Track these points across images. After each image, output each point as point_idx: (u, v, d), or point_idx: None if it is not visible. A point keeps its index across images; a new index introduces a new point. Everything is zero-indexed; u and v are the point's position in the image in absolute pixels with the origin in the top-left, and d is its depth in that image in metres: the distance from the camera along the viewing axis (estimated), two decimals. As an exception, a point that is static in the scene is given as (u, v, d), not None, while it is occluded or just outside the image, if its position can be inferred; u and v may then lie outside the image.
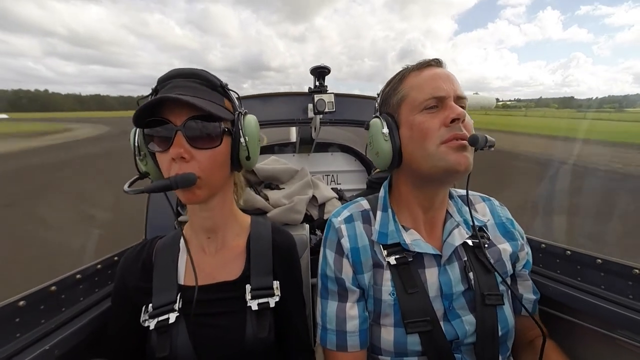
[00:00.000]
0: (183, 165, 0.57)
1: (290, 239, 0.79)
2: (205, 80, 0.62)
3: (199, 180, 0.57)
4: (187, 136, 0.57)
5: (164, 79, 0.61)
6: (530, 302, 0.73)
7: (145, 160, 0.62)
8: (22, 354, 0.59)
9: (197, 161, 0.58)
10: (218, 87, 0.64)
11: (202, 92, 0.60)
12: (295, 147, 1.80)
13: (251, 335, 0.64)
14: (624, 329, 0.67)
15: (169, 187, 0.54)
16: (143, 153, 0.61)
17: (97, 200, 6.06)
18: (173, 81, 0.60)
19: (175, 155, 0.56)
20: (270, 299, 0.67)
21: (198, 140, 0.58)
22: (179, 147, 0.56)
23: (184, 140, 0.56)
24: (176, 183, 0.54)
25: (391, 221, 0.69)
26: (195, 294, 0.62)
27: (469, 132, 0.60)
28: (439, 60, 0.66)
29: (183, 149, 0.56)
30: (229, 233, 0.72)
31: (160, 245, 0.72)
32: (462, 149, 0.58)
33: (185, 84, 0.60)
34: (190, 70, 0.62)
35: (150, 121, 0.57)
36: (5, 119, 75.39)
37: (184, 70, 0.62)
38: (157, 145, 0.58)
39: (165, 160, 0.58)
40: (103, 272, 0.84)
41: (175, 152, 0.55)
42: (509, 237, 0.73)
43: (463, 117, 0.58)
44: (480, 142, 0.57)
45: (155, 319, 0.62)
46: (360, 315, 0.66)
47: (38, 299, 0.66)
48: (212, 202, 0.66)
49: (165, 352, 0.61)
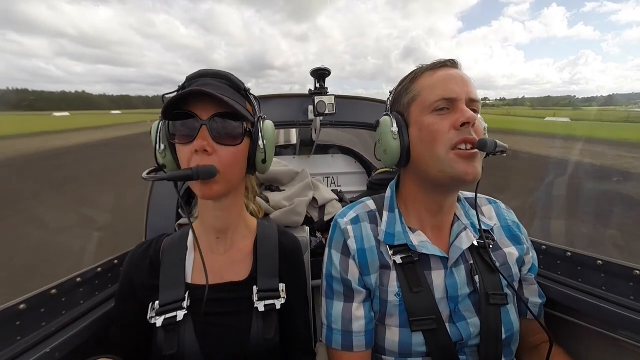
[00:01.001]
0: (204, 158, 0.58)
1: (295, 242, 0.80)
2: (231, 81, 0.65)
3: (218, 175, 0.58)
4: (212, 131, 0.58)
5: (193, 77, 0.63)
6: (536, 306, 0.72)
7: (164, 153, 0.63)
8: (23, 356, 0.59)
9: (219, 156, 0.59)
10: (242, 89, 0.66)
11: (228, 92, 0.62)
12: (296, 149, 1.80)
13: (256, 336, 0.65)
14: (625, 330, 0.67)
15: (190, 177, 0.55)
16: (164, 145, 0.62)
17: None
18: (201, 80, 0.63)
19: (199, 147, 0.57)
20: (277, 301, 0.68)
21: (221, 136, 0.60)
22: (203, 140, 0.58)
23: (208, 134, 0.58)
24: (197, 174, 0.55)
25: (398, 222, 0.69)
26: (206, 292, 0.62)
27: (479, 136, 0.59)
28: (455, 61, 0.65)
29: (207, 142, 0.58)
30: (237, 234, 0.73)
31: (168, 244, 0.72)
32: (471, 159, 0.58)
33: (212, 83, 0.62)
34: (218, 71, 0.64)
35: (177, 114, 0.59)
36: (66, 116, 79.55)
37: (212, 70, 0.64)
38: (181, 138, 0.60)
39: (186, 152, 0.59)
40: (103, 275, 0.84)
41: (199, 144, 0.57)
42: (515, 241, 0.72)
43: (473, 121, 0.58)
44: (489, 146, 0.56)
45: (162, 316, 0.63)
46: (367, 315, 0.66)
47: (39, 302, 0.66)
48: (226, 201, 0.67)
49: (172, 349, 0.61)
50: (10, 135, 21.59)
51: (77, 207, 5.62)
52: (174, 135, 0.60)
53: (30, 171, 9.26)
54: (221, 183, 0.60)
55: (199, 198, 0.67)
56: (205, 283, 0.62)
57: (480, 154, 0.60)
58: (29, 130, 25.58)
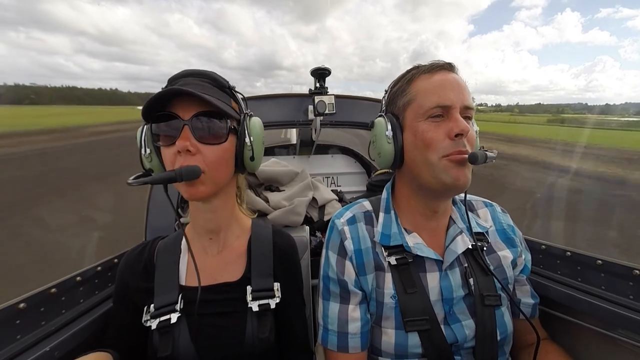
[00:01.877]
0: (188, 158, 0.57)
1: (290, 241, 0.79)
2: (213, 80, 0.63)
3: (203, 175, 0.57)
4: (194, 130, 0.57)
5: (174, 77, 0.62)
6: (528, 307, 0.73)
7: (150, 157, 0.62)
8: (22, 355, 0.59)
9: (203, 155, 0.58)
10: (226, 87, 0.65)
11: (210, 90, 0.61)
12: (296, 149, 1.80)
13: (251, 336, 0.64)
14: (624, 329, 0.67)
15: (173, 178, 0.54)
16: (149, 150, 0.61)
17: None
18: (183, 80, 0.62)
19: (181, 148, 0.56)
20: (271, 300, 0.68)
21: (205, 135, 0.58)
22: (186, 140, 0.56)
23: (190, 134, 0.57)
24: (181, 175, 0.54)
25: (394, 223, 0.69)
26: (198, 294, 0.62)
27: (471, 145, 0.60)
28: (452, 65, 0.64)
29: (189, 142, 0.56)
30: (230, 235, 0.73)
31: (162, 246, 0.72)
32: (462, 165, 0.58)
33: (194, 82, 0.61)
34: (200, 71, 0.63)
35: (160, 116, 0.58)
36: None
37: (193, 70, 0.64)
38: (164, 139, 0.59)
39: (170, 154, 0.58)
40: (103, 274, 0.84)
41: (181, 144, 0.56)
42: (510, 244, 0.73)
43: (467, 132, 0.58)
44: (479, 160, 0.57)
45: (157, 319, 0.63)
46: (362, 317, 0.67)
47: (38, 301, 0.66)
48: (215, 202, 0.66)
49: (167, 351, 0.61)
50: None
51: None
52: (158, 138, 0.60)
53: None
54: (207, 183, 0.59)
55: (188, 200, 0.66)
56: (198, 284, 0.62)
57: (470, 164, 0.60)
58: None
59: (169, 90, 0.55)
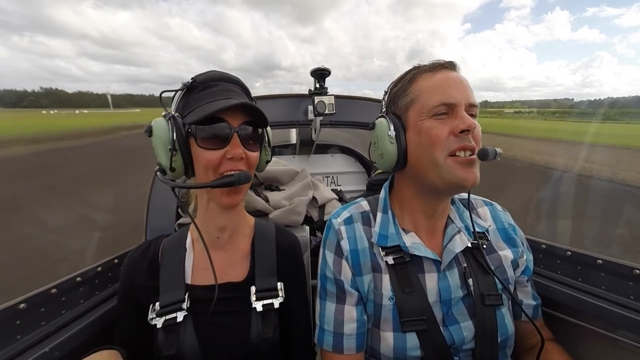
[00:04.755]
0: (237, 164, 0.60)
1: (294, 240, 0.80)
2: (243, 87, 0.68)
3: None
4: (242, 137, 0.61)
5: (210, 79, 0.64)
6: (530, 308, 0.72)
7: (177, 157, 0.61)
8: (22, 355, 0.59)
9: (246, 162, 0.62)
10: (249, 93, 0.70)
11: (245, 98, 0.65)
12: (296, 148, 1.80)
13: (256, 335, 0.65)
14: (625, 330, 0.67)
15: (233, 182, 0.58)
16: (177, 148, 0.60)
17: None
18: (221, 84, 0.64)
19: (235, 155, 0.59)
20: (275, 300, 0.68)
21: (248, 142, 0.63)
22: (238, 147, 0.60)
23: (239, 141, 0.60)
24: (239, 179, 0.58)
25: (391, 223, 0.68)
26: (215, 292, 0.63)
27: (477, 142, 0.59)
28: (453, 63, 0.63)
29: (241, 149, 0.60)
30: (236, 234, 0.73)
31: (166, 245, 0.72)
32: (470, 165, 0.57)
33: (233, 89, 0.65)
34: (231, 77, 0.67)
35: (204, 119, 0.58)
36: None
37: (225, 74, 0.66)
38: (208, 142, 0.60)
39: (215, 158, 0.60)
40: (103, 274, 0.84)
41: (235, 152, 0.60)
42: (510, 244, 0.72)
43: (473, 128, 0.57)
44: (490, 156, 0.57)
45: (162, 317, 0.63)
46: (359, 319, 0.66)
47: (39, 302, 0.66)
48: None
49: (172, 350, 0.61)
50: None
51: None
52: (194, 139, 0.60)
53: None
54: (244, 191, 0.64)
55: (221, 207, 0.66)
56: (215, 282, 0.64)
57: (478, 162, 0.59)
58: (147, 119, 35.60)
59: (238, 104, 0.59)
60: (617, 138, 24.06)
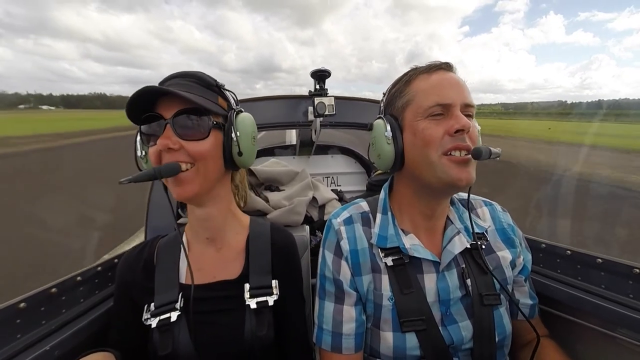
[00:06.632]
0: (172, 155, 0.58)
1: (289, 238, 0.79)
2: (199, 79, 0.65)
3: (188, 172, 0.59)
4: (176, 128, 0.58)
5: (162, 81, 0.64)
6: (527, 307, 0.72)
7: (145, 158, 0.63)
8: (22, 354, 0.59)
9: (186, 151, 0.59)
10: (213, 85, 0.66)
11: (195, 89, 0.62)
12: (296, 149, 1.80)
13: (250, 333, 0.65)
14: (624, 328, 0.67)
15: (153, 176, 0.55)
16: (144, 151, 0.63)
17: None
18: (170, 81, 0.63)
19: (162, 146, 0.57)
20: (269, 297, 0.68)
21: (187, 132, 0.59)
22: (167, 138, 0.58)
23: (172, 132, 0.58)
24: (160, 172, 0.55)
25: (391, 224, 0.69)
26: (191, 292, 0.63)
27: (473, 142, 0.59)
28: (450, 64, 0.64)
29: (170, 140, 0.57)
30: (228, 233, 0.73)
31: (162, 245, 0.72)
32: (464, 164, 0.58)
33: (180, 83, 0.63)
34: (187, 72, 0.65)
35: (146, 118, 0.59)
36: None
37: (181, 72, 0.65)
38: (151, 139, 0.60)
39: (154, 153, 0.59)
40: (103, 274, 0.84)
41: (162, 142, 0.57)
42: (509, 244, 0.72)
43: (468, 128, 0.57)
44: (483, 155, 0.56)
45: (157, 317, 0.63)
46: (357, 319, 0.66)
47: (38, 301, 0.66)
48: (207, 202, 0.67)
49: (167, 350, 0.61)
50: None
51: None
52: (148, 139, 0.61)
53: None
54: (195, 181, 0.60)
55: (178, 200, 0.66)
56: (191, 283, 0.63)
57: (474, 162, 0.59)
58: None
59: (144, 89, 0.55)
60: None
